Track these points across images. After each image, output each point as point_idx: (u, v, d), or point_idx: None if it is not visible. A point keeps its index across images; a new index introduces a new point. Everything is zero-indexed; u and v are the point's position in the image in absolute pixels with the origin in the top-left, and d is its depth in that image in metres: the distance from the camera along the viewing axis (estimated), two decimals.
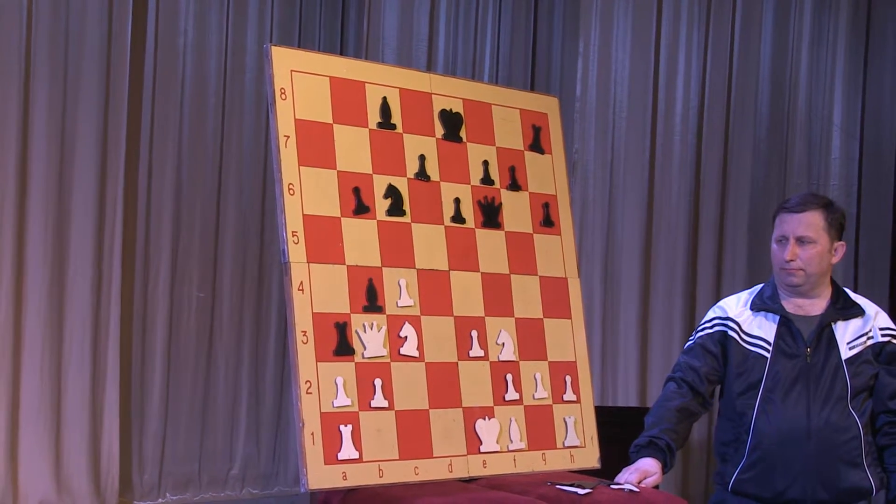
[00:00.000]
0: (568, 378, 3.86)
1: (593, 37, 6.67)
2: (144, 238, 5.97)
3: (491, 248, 3.74)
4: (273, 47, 3.39)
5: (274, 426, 6.34)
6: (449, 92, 3.77)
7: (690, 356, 3.88)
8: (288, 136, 3.35)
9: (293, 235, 3.30)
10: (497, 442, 3.61)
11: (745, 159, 6.96)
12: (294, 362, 3.24)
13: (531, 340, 3.78)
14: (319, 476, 3.21)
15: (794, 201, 3.75)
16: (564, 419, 3.81)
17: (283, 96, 3.37)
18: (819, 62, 7.15)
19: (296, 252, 3.30)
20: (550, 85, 6.70)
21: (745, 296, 3.91)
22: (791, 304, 3.77)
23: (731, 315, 3.85)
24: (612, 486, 3.46)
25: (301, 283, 3.29)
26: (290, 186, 3.33)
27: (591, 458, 3.86)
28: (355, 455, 3.28)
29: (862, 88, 7.22)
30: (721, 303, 3.95)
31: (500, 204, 3.80)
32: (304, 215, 3.34)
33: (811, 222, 3.69)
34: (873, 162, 7.21)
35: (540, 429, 3.73)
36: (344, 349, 3.34)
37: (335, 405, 3.28)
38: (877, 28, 7.23)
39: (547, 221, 3.93)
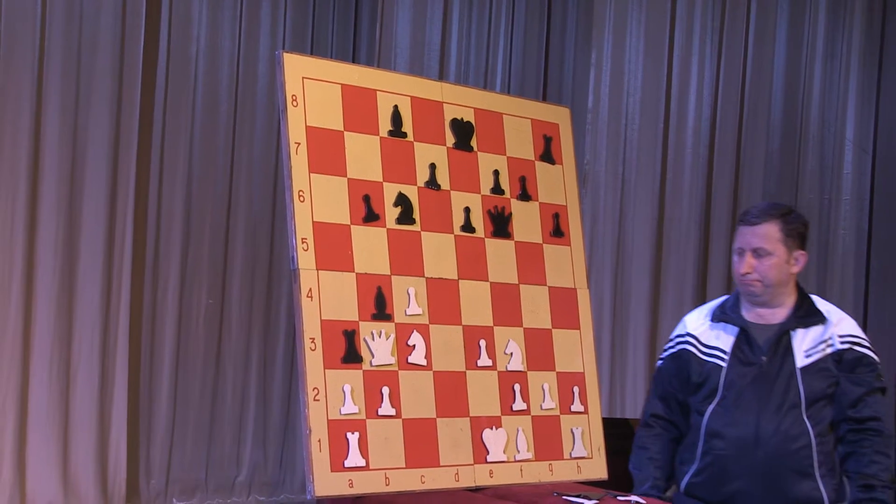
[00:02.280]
0: (576, 389, 3.85)
1: (606, 48, 6.67)
2: (154, 244, 5.98)
3: (500, 257, 3.74)
4: (285, 54, 3.39)
5: (281, 433, 6.34)
6: (460, 101, 3.77)
7: (656, 384, 3.91)
8: (299, 143, 3.35)
9: (303, 242, 3.30)
10: (504, 452, 3.60)
11: (756, 172, 6.95)
12: (302, 369, 3.23)
13: (539, 351, 3.77)
14: (326, 483, 3.20)
15: (752, 213, 3.73)
16: (572, 430, 3.80)
17: (295, 103, 3.37)
18: (832, 76, 7.14)
19: (305, 259, 3.29)
20: (562, 95, 6.70)
21: (709, 307, 3.91)
22: (752, 314, 3.76)
23: (689, 330, 3.85)
24: (619, 498, 3.45)
25: (310, 290, 3.29)
26: (301, 193, 3.33)
27: (598, 469, 3.85)
28: (362, 463, 3.28)
29: (875, 103, 7.20)
30: (686, 317, 3.96)
31: (510, 214, 3.80)
32: (313, 222, 3.34)
33: (767, 234, 3.67)
34: (886, 177, 7.19)
35: (547, 439, 3.72)
36: (352, 357, 3.33)
37: (342, 413, 3.28)
38: (891, 43, 7.21)
39: (557, 232, 3.92)
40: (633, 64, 6.73)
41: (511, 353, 3.69)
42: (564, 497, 3.40)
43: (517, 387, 3.68)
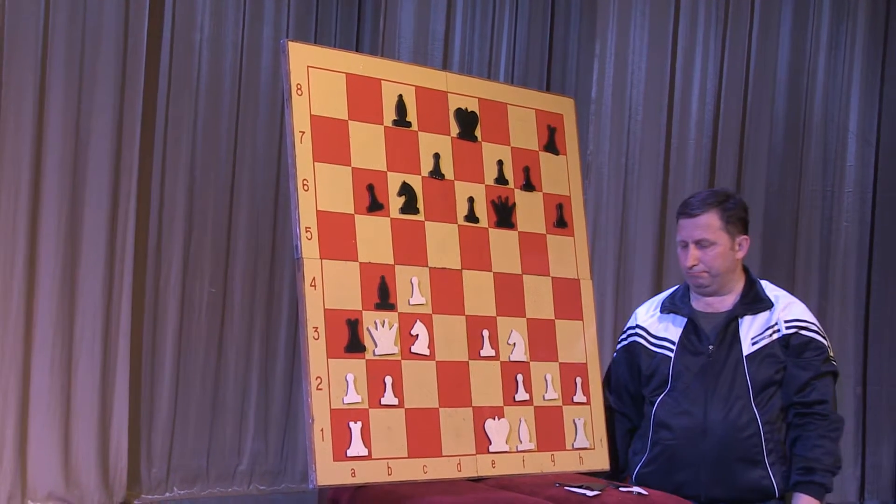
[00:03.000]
0: (578, 380, 3.85)
1: (610, 39, 6.66)
2: (157, 232, 5.97)
3: (504, 247, 3.74)
4: (290, 43, 3.39)
5: (283, 422, 6.34)
6: (465, 91, 3.77)
7: (608, 377, 3.97)
8: (303, 132, 3.35)
9: (307, 231, 3.30)
10: (506, 442, 3.60)
11: (759, 164, 6.94)
12: (305, 358, 3.23)
13: (542, 341, 3.77)
14: (328, 473, 3.20)
15: (691, 205, 3.74)
16: (574, 421, 3.81)
17: (300, 92, 3.37)
18: (836, 68, 7.13)
19: (309, 248, 3.29)
20: (566, 86, 6.69)
21: (659, 299, 3.95)
22: (700, 303, 3.79)
23: (639, 322, 3.91)
24: (621, 489, 3.45)
25: (313, 279, 3.29)
26: (305, 182, 3.33)
27: (600, 460, 3.85)
28: (364, 452, 3.28)
29: (879, 94, 7.19)
30: (637, 309, 4.00)
31: (514, 204, 3.80)
32: (317, 211, 3.34)
33: (708, 224, 3.69)
34: (889, 168, 7.19)
35: (549, 430, 3.73)
36: (355, 346, 3.33)
37: (345, 402, 3.28)
38: (894, 34, 7.20)
39: (560, 222, 3.92)
40: (636, 55, 6.72)
41: (514, 344, 3.69)
42: (566, 488, 3.41)
43: (520, 377, 3.69)
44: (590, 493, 3.34)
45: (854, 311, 7.14)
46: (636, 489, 3.47)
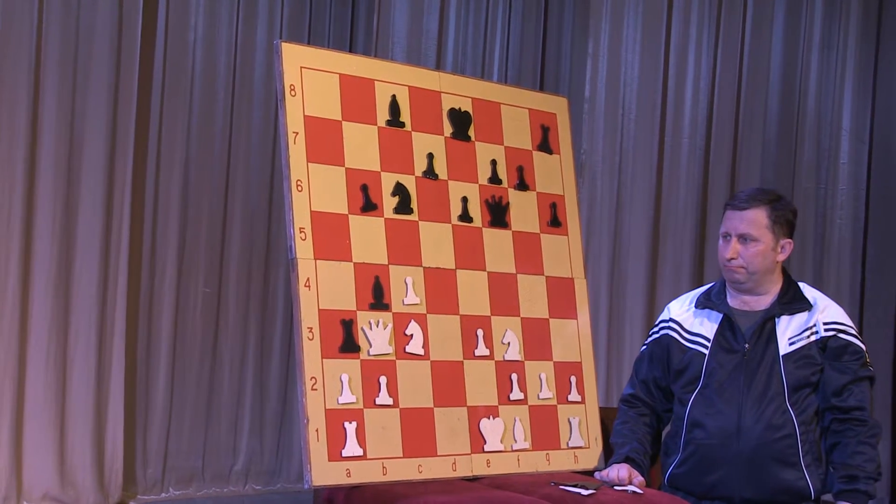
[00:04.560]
0: (573, 378, 3.86)
1: (603, 38, 6.67)
2: (151, 232, 5.98)
3: (498, 247, 3.74)
4: (283, 44, 3.39)
5: (278, 422, 6.35)
6: (458, 91, 3.77)
7: (639, 367, 3.88)
8: (297, 133, 3.35)
9: (301, 232, 3.31)
10: (501, 441, 3.61)
11: (753, 162, 6.95)
12: (299, 359, 3.24)
13: (537, 340, 3.78)
14: (323, 473, 3.21)
15: (740, 198, 3.68)
16: (569, 419, 3.81)
17: (293, 93, 3.37)
18: (829, 66, 7.14)
19: (303, 248, 3.30)
20: (560, 85, 6.70)
21: (694, 294, 3.89)
22: (737, 301, 3.73)
23: (672, 316, 3.83)
24: (616, 488, 3.46)
25: (308, 279, 3.29)
26: (299, 183, 3.33)
27: (594, 458, 3.86)
28: (359, 452, 3.28)
29: (872, 93, 7.21)
30: (670, 303, 3.93)
31: (508, 203, 3.80)
32: (311, 212, 3.34)
33: (754, 220, 3.63)
34: (882, 166, 7.20)
35: (544, 429, 3.73)
36: (350, 346, 3.34)
37: (340, 402, 3.28)
38: (887, 33, 7.21)
39: (554, 221, 3.92)
40: (630, 54, 6.73)
41: (508, 343, 3.70)
42: (562, 486, 3.41)
43: (514, 376, 3.69)
44: (585, 492, 3.34)
45: (847, 309, 7.10)
46: (631, 488, 3.47)
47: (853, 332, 3.68)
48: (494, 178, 3.79)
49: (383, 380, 3.38)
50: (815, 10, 7.09)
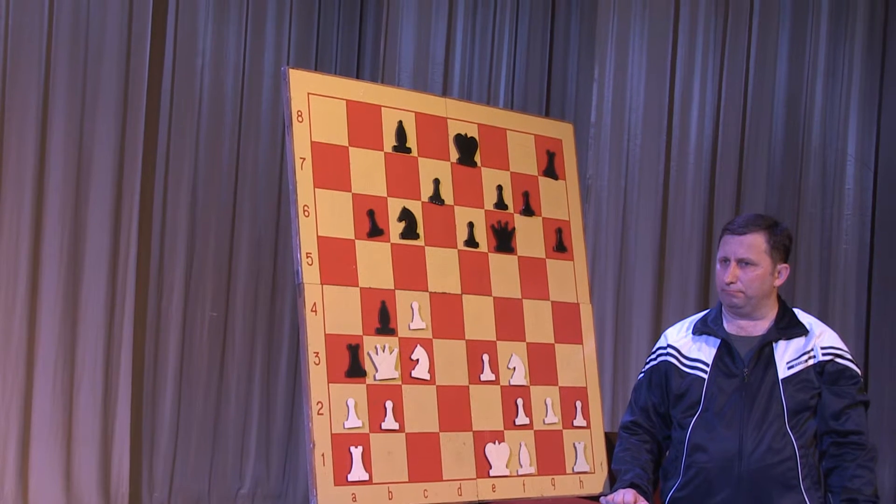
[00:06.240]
0: (578, 403, 3.86)
1: (608, 63, 6.69)
2: (159, 256, 5.99)
3: (503, 272, 3.76)
4: (291, 70, 3.42)
5: (284, 446, 6.34)
6: (464, 116, 3.79)
7: (638, 394, 3.89)
8: (304, 159, 3.38)
9: (307, 257, 3.32)
10: (507, 466, 3.61)
11: (758, 187, 6.95)
12: (306, 383, 3.25)
13: (542, 365, 3.79)
14: (329, 497, 3.21)
15: (738, 223, 3.73)
16: (574, 444, 3.82)
17: (300, 119, 3.40)
18: (834, 91, 7.15)
19: (310, 273, 3.31)
20: (565, 110, 6.72)
21: (690, 321, 3.91)
22: (734, 326, 3.77)
23: (670, 342, 3.85)
24: None
25: (314, 304, 3.30)
26: (306, 208, 3.35)
27: (600, 483, 3.86)
28: (365, 477, 3.29)
29: (877, 118, 7.21)
30: (666, 331, 3.95)
31: (514, 229, 3.82)
32: (318, 237, 3.36)
33: (753, 244, 3.67)
34: (888, 192, 7.19)
35: (549, 454, 3.74)
36: (356, 371, 3.35)
37: (346, 427, 3.29)
38: (892, 60, 7.22)
39: (560, 247, 3.94)
40: (635, 79, 6.74)
41: (514, 368, 3.71)
42: None
43: (520, 401, 3.70)
44: None
45: (854, 335, 7.13)
46: None
47: (849, 356, 3.72)
48: (500, 204, 3.80)
49: (389, 404, 3.39)
50: (819, 36, 7.11)
